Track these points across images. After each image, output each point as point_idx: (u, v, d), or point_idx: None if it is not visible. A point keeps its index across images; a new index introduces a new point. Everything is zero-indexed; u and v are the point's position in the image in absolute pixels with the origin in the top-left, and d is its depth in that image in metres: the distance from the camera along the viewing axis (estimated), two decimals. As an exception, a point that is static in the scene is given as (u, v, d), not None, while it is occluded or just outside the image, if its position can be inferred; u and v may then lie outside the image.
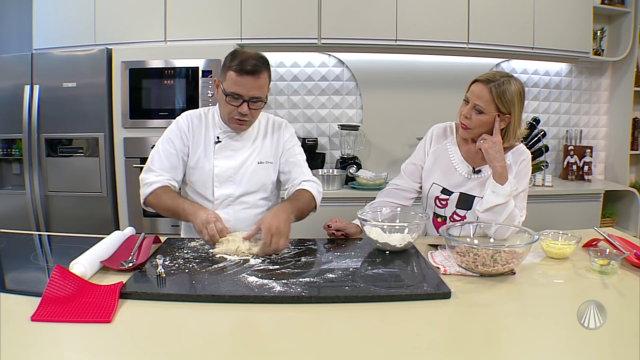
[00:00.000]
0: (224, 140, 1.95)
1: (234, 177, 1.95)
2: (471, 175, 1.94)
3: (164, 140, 1.97)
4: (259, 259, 1.55)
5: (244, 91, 1.78)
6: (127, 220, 3.27)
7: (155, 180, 1.88)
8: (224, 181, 1.94)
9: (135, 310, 1.19)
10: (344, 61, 3.84)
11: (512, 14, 3.55)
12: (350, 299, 1.26)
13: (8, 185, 3.40)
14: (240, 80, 1.76)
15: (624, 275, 1.47)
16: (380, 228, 1.67)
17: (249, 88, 1.77)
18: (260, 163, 1.98)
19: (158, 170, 1.91)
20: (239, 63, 1.76)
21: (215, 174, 1.93)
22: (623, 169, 3.98)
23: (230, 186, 1.95)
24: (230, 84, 1.78)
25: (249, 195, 1.98)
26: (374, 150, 3.94)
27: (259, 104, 1.84)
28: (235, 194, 1.95)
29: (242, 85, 1.77)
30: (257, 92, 1.80)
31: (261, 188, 2.00)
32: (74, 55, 3.19)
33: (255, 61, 1.77)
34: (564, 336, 1.09)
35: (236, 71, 1.76)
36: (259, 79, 1.78)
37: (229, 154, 1.95)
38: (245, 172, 1.96)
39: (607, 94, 4.20)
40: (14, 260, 1.67)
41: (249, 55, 1.79)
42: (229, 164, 1.94)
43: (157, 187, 1.87)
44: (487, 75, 1.82)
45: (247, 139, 1.98)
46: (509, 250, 1.44)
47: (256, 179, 1.97)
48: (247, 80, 1.76)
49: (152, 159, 1.94)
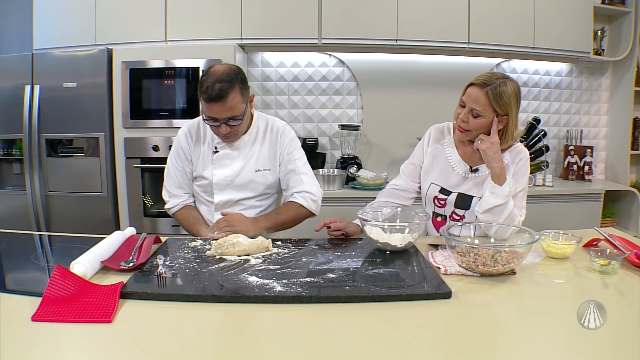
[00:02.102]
0: (222, 150, 2.03)
1: (232, 184, 2.03)
2: (468, 174, 1.94)
3: (171, 158, 2.10)
4: (259, 259, 1.55)
5: (217, 115, 1.84)
6: (128, 220, 3.27)
7: (172, 205, 2.09)
8: (223, 188, 2.03)
9: (136, 311, 1.19)
10: (345, 61, 3.84)
11: (512, 13, 3.55)
12: (351, 299, 1.26)
13: (8, 185, 3.40)
14: (210, 107, 1.82)
15: (624, 275, 1.47)
16: (380, 228, 1.67)
17: (220, 112, 1.83)
18: (258, 171, 2.04)
19: (172, 191, 2.09)
20: (205, 90, 1.80)
21: (214, 183, 2.02)
22: (623, 169, 3.98)
23: (230, 192, 2.03)
24: (205, 110, 1.86)
25: (248, 200, 2.06)
26: (375, 150, 3.94)
27: (237, 120, 1.88)
28: (235, 199, 2.04)
29: (213, 111, 1.83)
30: (229, 113, 1.84)
31: (259, 193, 2.07)
32: (75, 55, 3.19)
33: (220, 84, 1.79)
34: (565, 336, 1.09)
35: (204, 100, 1.81)
36: (225, 103, 1.81)
37: (227, 163, 2.02)
38: (244, 179, 2.03)
39: (607, 93, 4.20)
40: (15, 260, 1.67)
41: (215, 78, 1.80)
42: (226, 172, 2.02)
43: (175, 212, 2.10)
44: (482, 78, 1.81)
45: (244, 147, 2.04)
46: (509, 250, 1.44)
47: (254, 185, 2.05)
48: (216, 107, 1.82)
49: (166, 177, 2.11)
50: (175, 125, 3.18)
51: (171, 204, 2.09)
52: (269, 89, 3.87)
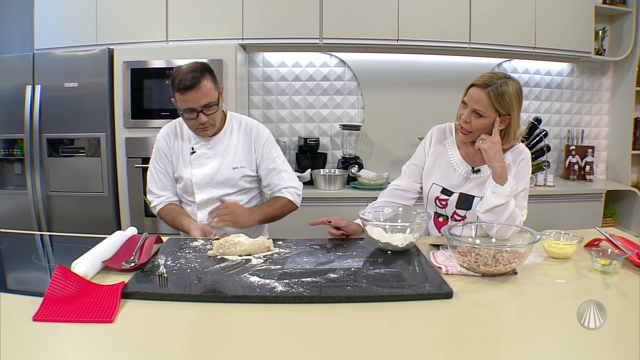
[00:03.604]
0: (199, 150, 2.10)
1: (211, 182, 2.11)
2: (470, 174, 1.94)
3: (153, 161, 2.16)
4: (260, 259, 1.55)
5: (193, 104, 1.91)
6: (129, 220, 3.27)
7: (156, 203, 2.15)
8: (203, 187, 2.11)
9: (137, 310, 1.19)
10: (346, 61, 3.84)
11: (513, 13, 3.55)
12: (352, 299, 1.26)
13: (10, 185, 3.41)
14: (185, 97, 1.89)
15: (625, 275, 1.47)
16: (382, 228, 1.67)
17: (196, 100, 1.90)
18: (235, 168, 2.11)
19: (156, 192, 2.15)
20: (178, 83, 1.89)
21: (194, 182, 2.09)
22: (625, 169, 3.97)
23: (210, 190, 2.11)
24: (180, 103, 1.93)
25: (229, 197, 2.11)
26: (376, 150, 3.94)
27: (213, 108, 1.96)
28: (216, 195, 2.10)
29: (189, 101, 1.90)
30: (205, 99, 1.92)
31: (239, 188, 2.14)
32: (76, 55, 3.20)
33: (192, 73, 1.88)
34: (566, 336, 1.09)
35: (179, 91, 1.89)
36: (199, 89, 1.89)
37: (204, 162, 2.09)
38: (221, 177, 2.10)
39: (608, 93, 4.19)
40: (16, 260, 1.67)
41: (185, 70, 1.91)
42: (205, 171, 2.09)
43: (159, 210, 2.15)
44: (484, 78, 1.80)
45: (220, 146, 2.11)
46: (510, 250, 1.44)
47: (232, 182, 2.12)
48: (190, 95, 1.89)
49: (149, 181, 2.17)
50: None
51: (155, 202, 2.15)
52: (270, 89, 3.87)
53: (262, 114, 3.87)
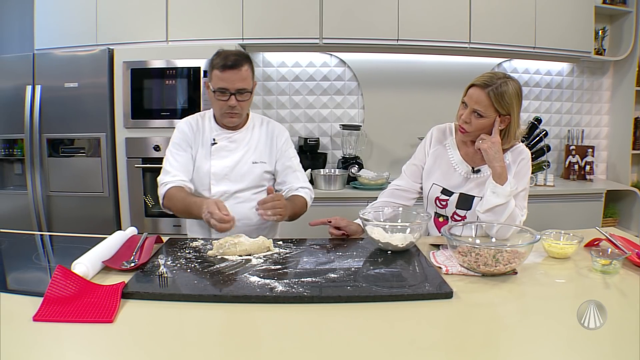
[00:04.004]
0: (220, 142, 2.07)
1: (229, 175, 2.06)
2: (470, 175, 1.94)
3: (171, 147, 2.09)
4: (261, 259, 1.55)
5: (229, 85, 1.91)
6: (129, 220, 3.27)
7: (169, 180, 2.01)
8: (221, 179, 2.06)
9: (137, 310, 1.19)
10: (346, 61, 3.84)
11: (513, 13, 3.55)
12: (352, 298, 1.26)
13: (10, 186, 3.40)
14: (223, 75, 1.91)
15: (625, 275, 1.47)
16: (382, 228, 1.67)
17: (233, 81, 1.91)
18: (255, 163, 2.09)
19: (172, 171, 2.03)
20: (221, 60, 1.91)
21: (212, 173, 2.06)
22: (625, 169, 3.97)
23: (226, 183, 2.06)
24: (216, 81, 1.93)
25: (244, 192, 2.08)
26: (376, 150, 3.94)
27: (246, 94, 1.97)
28: (231, 190, 2.06)
29: (226, 80, 1.91)
30: (241, 83, 1.93)
31: (256, 184, 2.10)
32: (76, 55, 3.20)
33: (236, 56, 1.92)
34: (566, 336, 1.09)
35: (219, 68, 1.91)
36: (240, 71, 1.91)
37: (225, 154, 2.07)
38: (240, 170, 2.07)
39: (608, 93, 4.19)
40: (16, 260, 1.67)
41: (230, 52, 1.95)
42: (224, 163, 2.06)
43: (170, 187, 1.99)
44: (483, 78, 1.80)
45: (242, 141, 2.10)
46: (510, 250, 1.44)
47: (251, 177, 2.08)
48: (230, 74, 1.90)
49: (166, 162, 2.07)
50: (176, 125, 3.18)
51: (167, 179, 2.01)
52: (270, 89, 3.87)
53: (263, 114, 3.82)
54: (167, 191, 1.99)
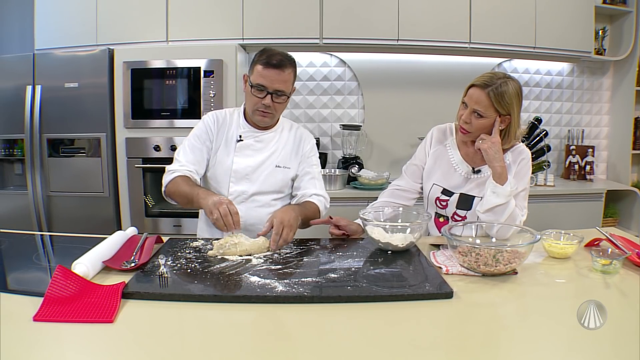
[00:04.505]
0: (246, 139, 2.01)
1: (250, 175, 2.00)
2: (471, 175, 1.94)
3: (191, 137, 2.03)
4: (261, 259, 1.55)
5: (268, 83, 1.86)
6: (129, 220, 3.27)
7: (177, 168, 1.95)
8: (241, 178, 2.00)
9: (138, 311, 1.19)
10: (346, 61, 3.84)
11: (513, 13, 3.55)
12: (353, 298, 1.26)
13: (10, 186, 3.41)
14: (265, 73, 1.85)
15: (626, 275, 1.47)
16: (382, 228, 1.67)
17: (273, 81, 1.86)
18: (278, 167, 2.03)
19: (183, 161, 1.97)
20: (266, 57, 1.86)
21: (233, 170, 1.99)
22: (625, 169, 3.97)
23: (245, 183, 2.00)
24: (256, 77, 1.87)
25: (263, 195, 2.01)
26: (376, 150, 3.94)
27: (282, 97, 1.92)
28: (250, 191, 2.00)
29: (266, 77, 1.86)
30: (281, 85, 1.88)
31: (276, 189, 2.04)
32: (76, 55, 3.20)
33: (282, 57, 1.88)
34: (566, 336, 1.09)
35: (262, 64, 1.86)
36: (283, 73, 1.87)
37: (249, 153, 2.01)
38: (263, 172, 2.01)
39: (609, 93, 4.19)
40: (16, 260, 1.67)
41: (277, 52, 1.90)
42: (247, 162, 2.00)
43: (178, 175, 1.92)
44: (483, 79, 1.80)
45: (269, 142, 2.04)
46: (511, 250, 1.44)
47: (272, 180, 2.02)
48: (272, 73, 1.85)
49: (179, 152, 2.01)
50: (176, 125, 3.19)
51: (176, 167, 1.95)
52: (270, 89, 3.86)
53: (263, 114, 3.87)
54: (174, 178, 1.92)
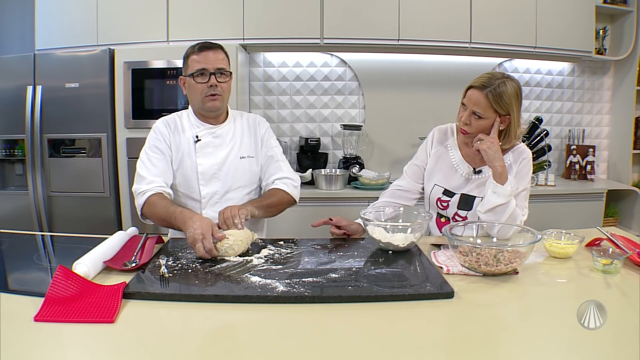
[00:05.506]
0: (204, 138, 1.98)
1: (218, 173, 1.97)
2: (472, 175, 1.94)
3: (147, 149, 1.98)
4: (262, 259, 1.55)
5: (208, 64, 1.89)
6: (130, 220, 3.27)
7: (147, 188, 1.85)
8: (209, 179, 1.96)
9: (139, 311, 1.19)
10: (347, 61, 3.84)
11: (514, 13, 3.55)
12: (354, 298, 1.26)
13: (11, 186, 3.41)
14: (201, 57, 1.90)
15: (626, 275, 1.47)
16: (383, 228, 1.67)
17: (212, 61, 1.90)
18: (242, 158, 2.01)
19: (148, 177, 1.89)
20: (196, 46, 1.94)
21: (199, 172, 1.96)
22: (626, 168, 3.97)
23: (215, 183, 1.97)
24: (194, 65, 1.90)
25: (235, 191, 2.00)
26: (377, 150, 3.94)
27: (225, 76, 1.94)
28: (221, 190, 1.98)
29: (204, 60, 1.90)
30: (220, 63, 1.92)
31: (246, 183, 2.03)
32: (77, 55, 3.20)
33: (210, 42, 1.96)
34: (567, 336, 1.09)
35: (196, 52, 1.92)
36: (217, 52, 1.93)
37: (210, 151, 1.98)
38: (229, 167, 1.98)
39: (609, 93, 4.19)
40: (17, 260, 1.68)
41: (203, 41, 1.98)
42: (211, 161, 1.97)
43: (150, 195, 1.83)
44: (481, 80, 1.80)
45: (226, 136, 2.01)
46: (511, 249, 1.44)
47: (239, 174, 2.00)
48: (208, 54, 1.91)
49: (140, 168, 1.93)
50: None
51: (145, 188, 1.85)
52: (271, 89, 3.87)
53: (264, 114, 3.87)
54: (147, 200, 1.83)
